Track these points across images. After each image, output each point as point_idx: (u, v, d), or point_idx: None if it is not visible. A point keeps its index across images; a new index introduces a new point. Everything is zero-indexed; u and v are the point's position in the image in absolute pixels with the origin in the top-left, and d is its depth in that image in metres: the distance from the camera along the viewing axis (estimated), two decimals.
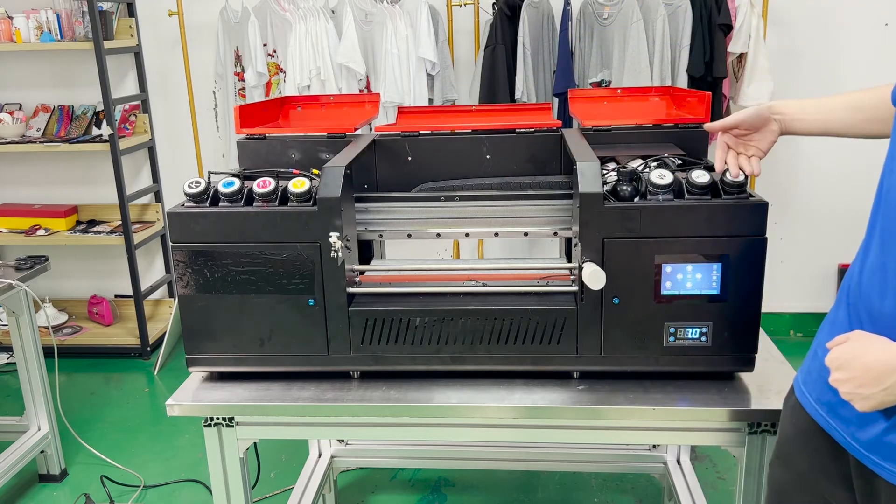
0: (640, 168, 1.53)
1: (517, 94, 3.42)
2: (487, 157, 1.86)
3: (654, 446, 2.51)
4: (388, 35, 3.45)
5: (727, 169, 1.46)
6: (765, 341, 1.67)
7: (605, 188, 1.46)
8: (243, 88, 3.68)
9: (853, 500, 1.18)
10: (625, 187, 1.46)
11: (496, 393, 1.54)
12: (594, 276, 1.43)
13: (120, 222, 3.88)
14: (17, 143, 3.83)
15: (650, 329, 1.50)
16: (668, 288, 1.47)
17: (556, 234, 1.66)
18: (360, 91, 3.57)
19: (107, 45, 3.59)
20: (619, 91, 2.09)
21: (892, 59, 3.53)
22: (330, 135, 1.89)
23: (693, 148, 1.81)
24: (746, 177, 1.44)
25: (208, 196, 1.55)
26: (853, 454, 1.14)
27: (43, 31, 3.65)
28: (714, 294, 1.46)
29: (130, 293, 3.93)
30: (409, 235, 1.69)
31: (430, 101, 3.62)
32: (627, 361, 1.53)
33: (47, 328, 3.14)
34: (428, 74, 3.57)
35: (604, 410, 1.49)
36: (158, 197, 4.18)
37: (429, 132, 1.91)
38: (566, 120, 3.31)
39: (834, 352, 1.10)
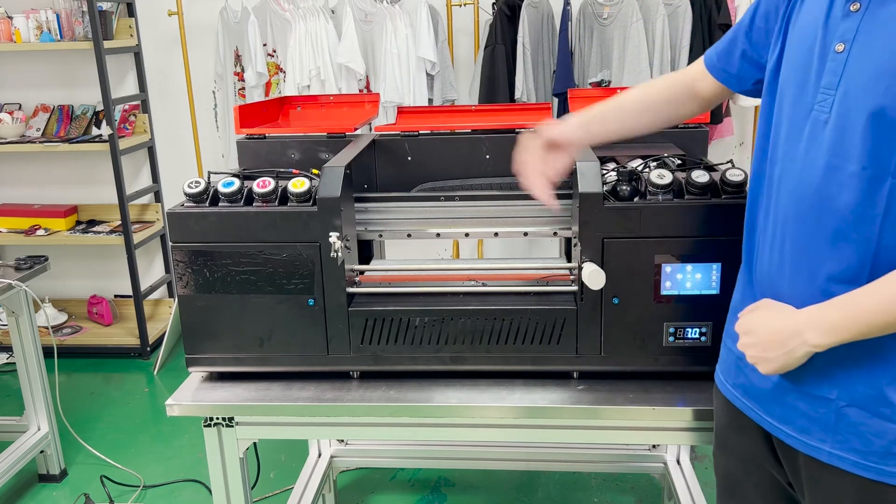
0: (639, 168, 1.53)
1: (517, 94, 3.42)
2: (487, 157, 1.87)
3: (654, 446, 2.51)
4: (387, 35, 3.45)
5: (728, 168, 1.47)
6: None
7: (605, 188, 1.46)
8: (243, 88, 3.68)
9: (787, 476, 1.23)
10: (624, 187, 1.46)
11: (496, 393, 1.54)
12: (594, 276, 1.43)
13: (120, 222, 3.87)
14: (16, 143, 3.83)
15: (650, 329, 1.50)
16: (667, 288, 1.47)
17: (555, 234, 1.66)
18: (360, 91, 3.57)
19: (106, 45, 3.59)
20: (618, 91, 2.09)
21: None
22: (330, 135, 1.89)
23: (693, 148, 1.81)
24: (746, 175, 1.44)
25: (208, 196, 1.55)
26: (771, 432, 1.19)
27: (43, 31, 3.64)
28: (714, 294, 1.46)
29: (130, 293, 3.93)
30: (409, 235, 1.69)
31: (430, 101, 3.62)
32: (627, 361, 1.53)
33: (47, 328, 3.13)
34: (428, 74, 3.57)
35: (603, 410, 1.49)
36: (158, 197, 4.18)
37: (429, 132, 1.91)
38: None
39: (743, 319, 1.17)
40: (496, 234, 1.67)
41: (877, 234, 1.01)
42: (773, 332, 1.10)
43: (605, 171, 1.53)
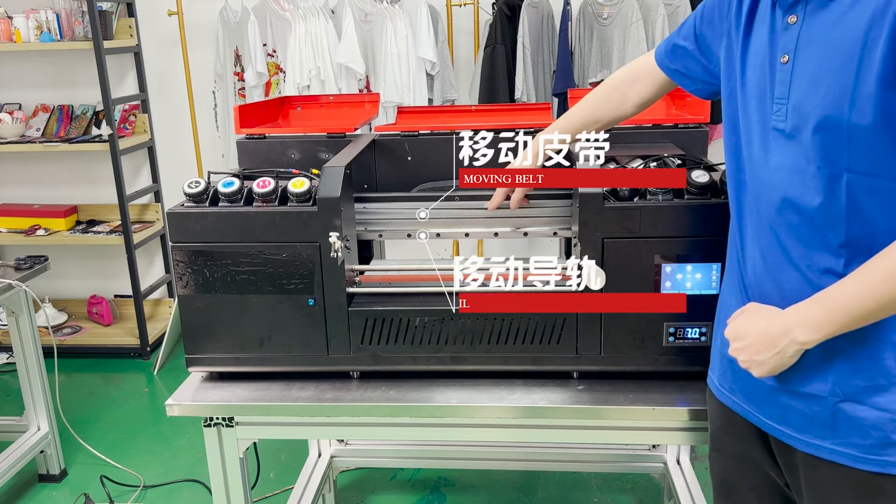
0: (639, 168, 1.53)
1: (517, 94, 3.42)
2: None
3: (654, 446, 2.51)
4: (387, 35, 3.45)
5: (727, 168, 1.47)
6: None
7: (605, 188, 1.46)
8: (243, 88, 3.68)
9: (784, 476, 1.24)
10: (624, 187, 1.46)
11: (496, 393, 1.54)
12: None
13: (120, 222, 3.87)
14: (16, 143, 3.83)
15: (650, 329, 1.50)
16: (667, 288, 1.47)
17: (555, 234, 1.66)
18: (360, 91, 3.57)
19: (106, 45, 3.59)
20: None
21: None
22: (330, 135, 1.89)
23: (693, 148, 1.81)
24: None
25: (208, 196, 1.55)
26: (770, 433, 1.21)
27: (43, 30, 3.64)
28: (714, 294, 1.46)
29: (130, 293, 3.93)
30: (409, 235, 1.69)
31: (430, 101, 3.62)
32: (627, 361, 1.53)
33: (47, 328, 3.13)
34: (428, 74, 3.57)
35: (603, 410, 1.49)
36: (158, 197, 4.18)
37: (428, 132, 1.91)
38: None
39: (731, 325, 1.19)
40: (496, 234, 1.67)
41: (845, 228, 1.05)
42: (761, 335, 1.12)
43: None
